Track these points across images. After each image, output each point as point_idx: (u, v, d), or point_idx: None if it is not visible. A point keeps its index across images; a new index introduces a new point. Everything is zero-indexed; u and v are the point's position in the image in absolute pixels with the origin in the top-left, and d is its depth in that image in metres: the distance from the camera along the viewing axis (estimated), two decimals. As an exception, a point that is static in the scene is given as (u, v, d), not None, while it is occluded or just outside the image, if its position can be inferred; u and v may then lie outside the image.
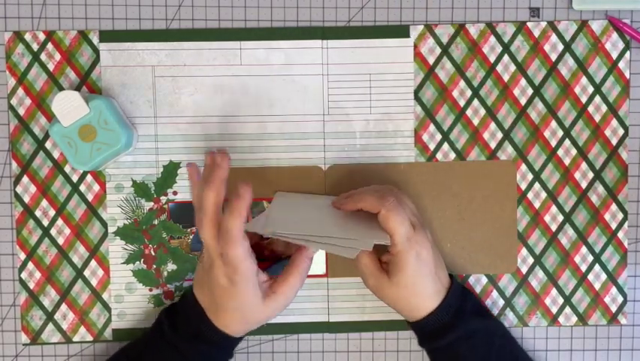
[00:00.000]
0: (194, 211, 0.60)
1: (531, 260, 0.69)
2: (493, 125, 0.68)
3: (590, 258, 0.69)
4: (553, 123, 0.68)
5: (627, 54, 0.68)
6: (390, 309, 0.63)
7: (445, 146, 0.68)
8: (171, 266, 0.68)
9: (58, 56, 0.66)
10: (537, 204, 0.68)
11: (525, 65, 0.68)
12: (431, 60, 0.68)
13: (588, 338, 0.69)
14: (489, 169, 0.68)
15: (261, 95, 0.67)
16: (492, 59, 0.68)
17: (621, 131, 0.68)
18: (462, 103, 0.68)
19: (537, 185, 0.68)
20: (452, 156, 0.68)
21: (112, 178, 0.67)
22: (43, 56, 0.66)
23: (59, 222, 0.67)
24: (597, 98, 0.68)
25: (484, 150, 0.68)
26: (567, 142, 0.68)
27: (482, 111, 0.68)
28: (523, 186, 0.68)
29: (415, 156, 0.68)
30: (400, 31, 0.67)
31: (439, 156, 0.68)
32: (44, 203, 0.67)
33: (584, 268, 0.69)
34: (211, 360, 0.62)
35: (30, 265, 0.67)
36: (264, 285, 0.59)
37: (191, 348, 0.60)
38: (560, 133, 0.68)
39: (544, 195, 0.68)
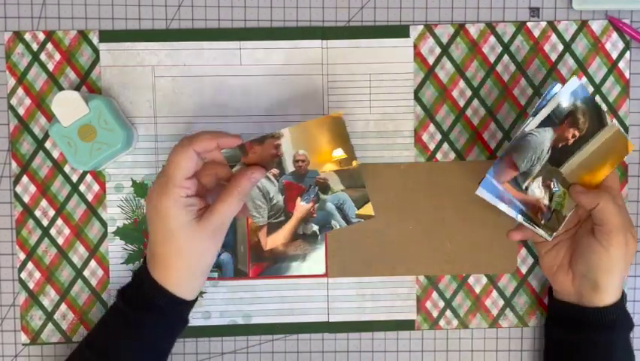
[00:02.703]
0: None
1: (531, 260, 0.69)
2: (493, 125, 0.68)
3: (590, 258, 0.69)
4: (553, 123, 0.68)
5: (627, 54, 0.68)
6: (390, 309, 0.62)
7: (445, 146, 0.68)
8: (171, 266, 0.68)
9: (58, 56, 0.66)
10: (537, 204, 0.68)
11: (525, 65, 0.68)
12: (431, 60, 0.68)
13: (588, 338, 0.69)
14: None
15: (261, 95, 0.67)
16: (492, 59, 0.68)
17: (621, 132, 0.68)
18: (462, 103, 0.68)
19: (537, 185, 0.68)
20: (452, 156, 0.68)
21: (112, 178, 0.67)
22: (43, 56, 0.66)
23: (59, 222, 0.67)
24: (597, 98, 0.68)
25: (484, 150, 0.68)
26: (567, 142, 0.68)
27: (482, 111, 0.68)
28: (523, 186, 0.68)
29: (415, 156, 0.68)
30: (399, 31, 0.67)
31: (438, 156, 0.68)
32: (44, 203, 0.67)
33: (584, 268, 0.69)
34: (145, 324, 0.59)
35: (30, 265, 0.67)
36: (200, 211, 0.58)
37: (131, 310, 0.59)
38: (560, 133, 0.68)
39: (544, 195, 0.68)
